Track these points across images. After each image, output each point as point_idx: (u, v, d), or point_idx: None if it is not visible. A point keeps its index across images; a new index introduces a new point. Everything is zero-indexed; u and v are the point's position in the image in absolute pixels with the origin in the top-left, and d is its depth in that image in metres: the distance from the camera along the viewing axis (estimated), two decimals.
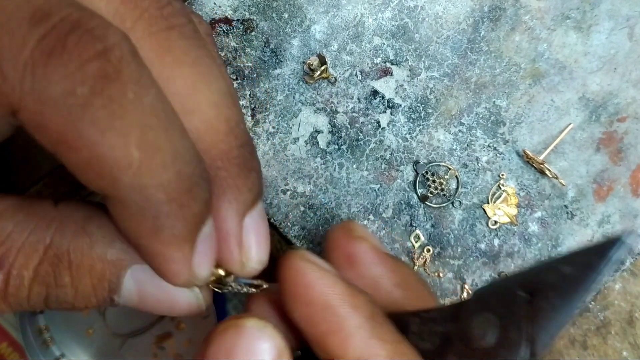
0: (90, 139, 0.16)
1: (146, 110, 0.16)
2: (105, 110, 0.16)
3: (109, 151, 0.16)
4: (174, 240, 0.18)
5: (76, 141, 0.16)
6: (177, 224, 0.18)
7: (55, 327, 0.52)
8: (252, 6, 0.37)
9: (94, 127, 0.16)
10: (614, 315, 0.37)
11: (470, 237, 0.37)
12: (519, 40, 0.35)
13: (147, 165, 0.17)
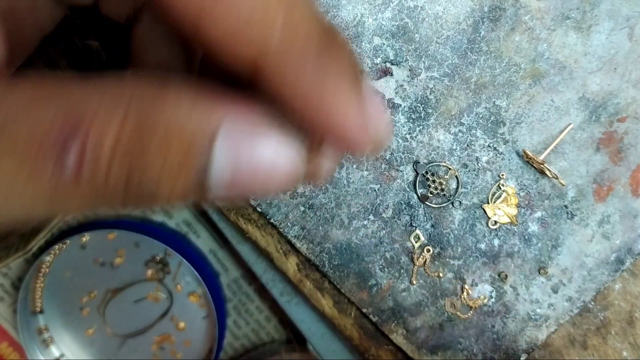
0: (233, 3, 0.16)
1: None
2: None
3: (255, 13, 0.16)
4: (341, 88, 0.18)
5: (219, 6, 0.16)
6: (338, 70, 0.17)
7: (55, 327, 0.52)
8: None
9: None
10: (614, 315, 0.37)
11: (470, 237, 0.37)
12: (519, 41, 0.35)
13: (291, 19, 0.16)
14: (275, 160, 0.18)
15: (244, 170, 0.18)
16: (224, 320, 0.51)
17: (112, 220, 0.49)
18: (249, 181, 0.18)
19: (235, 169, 0.18)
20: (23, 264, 0.51)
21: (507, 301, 0.37)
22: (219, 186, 0.18)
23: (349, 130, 0.19)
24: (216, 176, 0.18)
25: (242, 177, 0.18)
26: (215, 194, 0.18)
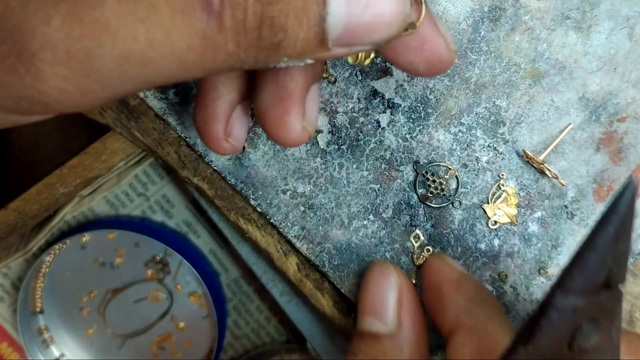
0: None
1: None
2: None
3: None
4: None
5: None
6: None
7: (55, 327, 0.52)
8: None
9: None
10: None
11: (470, 237, 0.37)
12: (519, 41, 0.35)
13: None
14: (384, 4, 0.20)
15: (357, 12, 0.20)
16: (224, 321, 0.51)
17: (112, 220, 0.49)
18: (363, 22, 0.20)
19: (349, 12, 0.20)
20: (23, 264, 0.51)
21: (507, 301, 0.37)
22: (337, 31, 0.20)
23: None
24: (334, 21, 0.20)
25: (356, 19, 0.20)
26: (333, 41, 0.20)
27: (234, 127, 0.29)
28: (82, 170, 0.42)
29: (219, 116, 0.28)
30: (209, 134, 0.29)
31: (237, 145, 0.30)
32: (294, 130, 0.26)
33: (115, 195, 0.49)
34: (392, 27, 0.21)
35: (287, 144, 0.27)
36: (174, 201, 0.49)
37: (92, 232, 0.49)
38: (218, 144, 0.29)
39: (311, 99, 0.27)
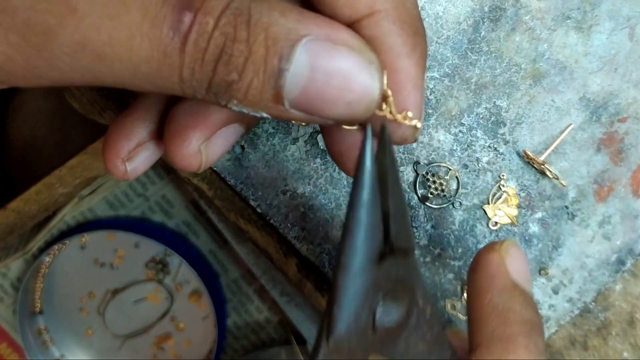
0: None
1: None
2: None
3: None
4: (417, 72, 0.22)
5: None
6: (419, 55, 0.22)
7: (54, 327, 0.52)
8: None
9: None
10: (614, 316, 0.37)
11: (471, 238, 0.37)
12: (520, 41, 0.35)
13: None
14: (351, 72, 0.20)
15: (319, 78, 0.19)
16: (224, 321, 0.51)
17: (111, 221, 0.49)
18: (324, 91, 0.20)
19: (311, 77, 0.19)
20: (22, 265, 0.51)
21: None
22: (294, 92, 0.19)
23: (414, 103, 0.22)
24: (292, 80, 0.19)
25: (318, 85, 0.19)
26: (290, 102, 0.20)
27: (138, 156, 0.27)
28: (82, 170, 0.42)
29: (131, 136, 0.27)
30: (111, 146, 0.27)
31: (130, 174, 0.27)
32: (190, 146, 0.25)
33: (115, 196, 0.49)
34: (352, 108, 0.20)
35: (176, 158, 0.25)
36: (173, 202, 0.49)
37: (91, 232, 0.49)
38: (113, 161, 0.27)
39: (225, 134, 0.26)
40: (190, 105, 0.26)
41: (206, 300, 0.49)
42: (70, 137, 0.52)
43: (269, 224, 0.38)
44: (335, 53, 0.19)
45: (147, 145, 0.27)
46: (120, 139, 0.27)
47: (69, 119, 0.50)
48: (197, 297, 0.50)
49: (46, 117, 0.52)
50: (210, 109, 0.25)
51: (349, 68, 0.20)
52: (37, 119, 0.53)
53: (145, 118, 0.27)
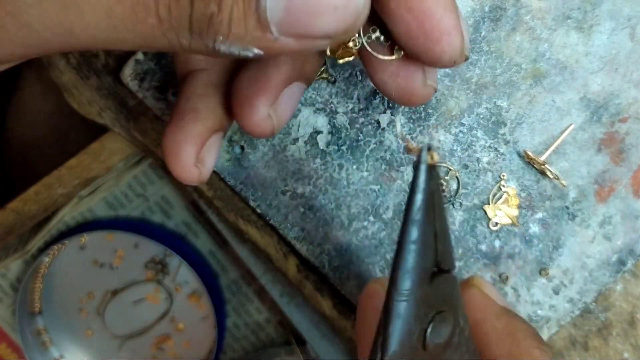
0: None
1: None
2: None
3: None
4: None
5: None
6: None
7: (54, 328, 0.52)
8: None
9: None
10: (615, 316, 0.37)
11: (471, 239, 0.37)
12: (520, 41, 0.35)
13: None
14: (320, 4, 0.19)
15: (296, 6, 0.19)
16: (224, 322, 0.51)
17: (111, 221, 0.49)
18: (307, 2, 0.19)
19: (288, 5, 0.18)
20: (21, 265, 0.51)
21: (508, 302, 0.37)
22: (278, 12, 0.19)
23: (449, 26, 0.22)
24: (271, 1, 0.18)
25: (294, 12, 0.19)
26: (276, 26, 0.19)
27: (207, 155, 0.27)
28: (81, 170, 0.42)
29: (195, 139, 0.27)
30: (179, 156, 0.27)
31: (205, 174, 0.28)
32: (259, 113, 0.25)
33: (114, 196, 0.49)
34: (339, 14, 0.19)
35: (249, 128, 0.26)
36: (173, 202, 0.49)
37: (91, 232, 0.49)
38: (186, 169, 0.27)
39: (289, 94, 0.26)
40: (247, 75, 0.26)
41: (206, 300, 0.49)
42: (69, 138, 0.52)
43: (269, 225, 0.38)
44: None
45: (208, 143, 0.27)
46: (184, 146, 0.27)
47: (68, 119, 0.50)
48: (197, 297, 0.50)
49: (45, 117, 0.52)
50: (268, 73, 0.25)
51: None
52: (36, 119, 0.52)
53: (197, 119, 0.27)
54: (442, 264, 0.21)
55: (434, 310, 0.21)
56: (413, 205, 0.19)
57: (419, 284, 0.20)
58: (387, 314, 0.20)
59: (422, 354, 0.21)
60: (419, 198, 0.19)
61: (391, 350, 0.20)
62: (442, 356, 0.22)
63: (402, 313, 0.20)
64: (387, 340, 0.20)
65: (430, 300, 0.21)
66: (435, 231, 0.21)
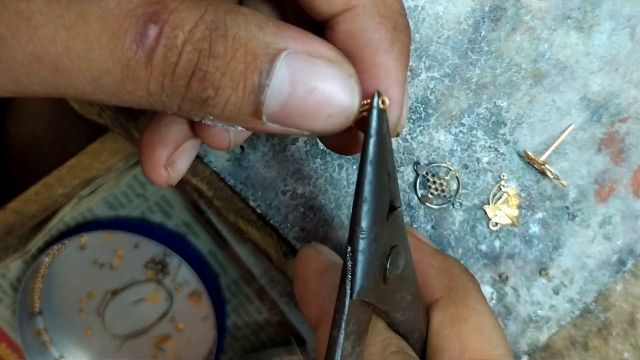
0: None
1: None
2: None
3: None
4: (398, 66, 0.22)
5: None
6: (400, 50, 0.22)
7: (54, 328, 0.52)
8: None
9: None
10: (615, 316, 0.37)
11: (471, 239, 0.37)
12: (520, 41, 0.35)
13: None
14: (332, 87, 0.20)
15: (300, 94, 0.19)
16: (224, 322, 0.51)
17: (111, 221, 0.49)
18: (304, 106, 0.19)
19: (292, 92, 0.19)
20: (22, 265, 0.51)
21: (508, 302, 0.37)
22: (273, 107, 0.19)
23: (393, 98, 0.22)
24: (273, 96, 0.19)
25: (298, 101, 0.19)
26: (268, 116, 0.19)
27: (178, 159, 0.27)
28: (81, 170, 0.42)
29: (168, 142, 0.27)
30: (151, 156, 0.27)
31: (174, 178, 0.28)
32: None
33: (114, 196, 0.48)
34: (332, 121, 0.20)
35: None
36: (173, 202, 0.49)
37: (91, 233, 0.49)
38: (155, 170, 0.27)
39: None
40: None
41: (206, 300, 0.49)
42: (69, 138, 0.52)
43: (269, 225, 0.38)
44: (314, 67, 0.19)
45: (184, 146, 0.27)
46: (156, 147, 0.27)
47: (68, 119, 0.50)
48: (197, 297, 0.50)
49: (45, 117, 0.52)
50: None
51: (329, 83, 0.19)
52: (36, 119, 0.52)
53: (174, 122, 0.27)
54: (393, 201, 0.22)
55: (389, 245, 0.23)
56: (368, 148, 0.20)
57: (378, 221, 0.21)
58: (353, 254, 0.21)
59: (383, 287, 0.23)
60: (373, 141, 0.20)
61: (358, 286, 0.21)
62: (397, 288, 0.24)
63: (365, 249, 0.21)
64: (355, 278, 0.21)
65: (386, 236, 0.22)
66: (388, 171, 0.22)
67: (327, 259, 0.31)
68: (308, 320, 0.30)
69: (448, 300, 0.27)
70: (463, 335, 0.26)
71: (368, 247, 0.21)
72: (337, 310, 0.22)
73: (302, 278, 0.30)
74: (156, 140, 0.27)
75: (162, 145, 0.27)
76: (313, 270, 0.30)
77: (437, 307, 0.27)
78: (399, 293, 0.24)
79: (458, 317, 0.27)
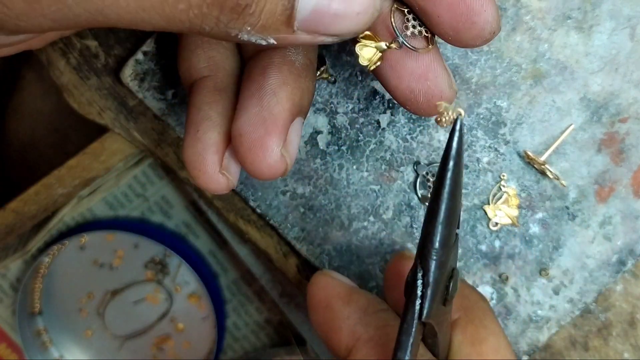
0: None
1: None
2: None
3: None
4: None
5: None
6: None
7: (54, 328, 0.52)
8: None
9: None
10: (615, 316, 0.37)
11: (471, 239, 0.37)
12: (520, 41, 0.35)
13: None
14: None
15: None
16: (224, 322, 0.51)
17: (110, 221, 0.49)
18: (334, 6, 0.20)
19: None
20: (21, 265, 0.51)
21: (508, 303, 0.37)
22: (305, 11, 0.20)
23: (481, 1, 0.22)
24: (301, 5, 0.20)
25: (327, 1, 0.20)
26: (299, 23, 0.20)
27: (231, 161, 0.27)
28: (81, 170, 0.42)
29: (214, 147, 0.26)
30: (203, 167, 0.26)
31: (233, 180, 0.27)
32: (273, 154, 0.25)
33: (114, 196, 0.48)
34: (360, 19, 0.21)
35: (262, 171, 0.25)
36: (173, 202, 0.49)
37: (90, 233, 0.49)
38: (213, 178, 0.26)
39: (294, 130, 0.26)
40: (250, 116, 0.25)
41: (206, 301, 0.49)
42: (69, 138, 0.52)
43: (269, 225, 0.38)
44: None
45: (230, 149, 0.27)
46: (206, 156, 0.26)
47: (68, 119, 0.50)
48: (197, 298, 0.50)
49: (45, 117, 0.52)
50: (274, 112, 0.25)
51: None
52: (36, 119, 0.52)
53: (212, 126, 0.26)
54: (458, 225, 0.23)
55: (451, 268, 0.23)
56: (449, 169, 0.20)
57: (448, 244, 0.21)
58: (425, 273, 0.21)
59: (442, 309, 0.23)
60: (454, 162, 0.20)
61: (428, 307, 0.21)
62: (449, 307, 0.24)
63: (436, 271, 0.21)
64: (424, 299, 0.21)
65: (451, 259, 0.23)
66: (461, 194, 0.22)
67: (347, 284, 0.31)
68: (335, 348, 0.29)
69: (466, 319, 0.28)
70: (483, 354, 0.27)
71: (439, 269, 0.21)
72: (404, 331, 0.21)
73: (325, 305, 0.30)
74: (201, 150, 0.26)
75: (210, 153, 0.26)
76: (337, 296, 0.30)
77: (456, 326, 0.28)
78: (448, 314, 0.25)
79: (478, 337, 0.28)
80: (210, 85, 0.28)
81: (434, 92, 0.26)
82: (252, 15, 0.19)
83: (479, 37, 0.24)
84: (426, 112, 0.27)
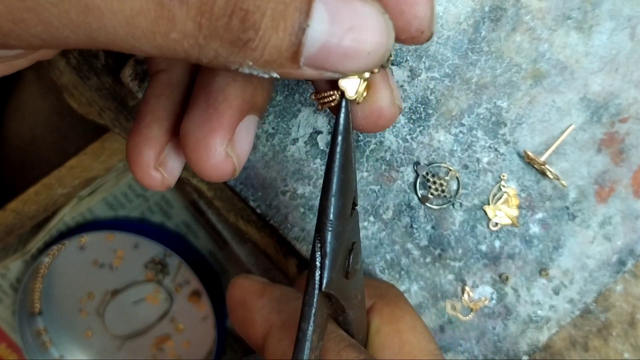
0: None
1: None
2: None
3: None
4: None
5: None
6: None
7: (54, 328, 0.52)
8: None
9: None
10: (615, 316, 0.37)
11: (471, 239, 0.37)
12: (520, 41, 0.35)
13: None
14: (368, 24, 0.19)
15: (338, 33, 0.19)
16: (224, 322, 0.51)
17: (110, 222, 0.49)
18: (344, 45, 0.19)
19: (331, 32, 0.19)
20: (22, 265, 0.51)
21: (508, 303, 0.37)
22: (312, 48, 0.19)
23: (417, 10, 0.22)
24: (313, 37, 0.19)
25: (335, 40, 0.19)
26: (305, 59, 0.19)
27: (169, 158, 0.26)
28: (81, 171, 0.42)
29: (152, 141, 0.25)
30: (137, 159, 0.25)
31: (169, 178, 0.26)
32: (217, 155, 0.23)
33: (114, 197, 0.48)
34: (370, 59, 0.20)
35: (207, 172, 0.24)
36: (172, 202, 0.49)
37: (90, 233, 0.49)
38: (146, 172, 0.25)
39: (245, 128, 0.25)
40: (196, 115, 0.24)
41: (206, 301, 0.49)
42: (69, 138, 0.52)
43: (269, 225, 0.38)
44: (349, 5, 0.19)
45: (170, 145, 0.26)
46: (141, 149, 0.25)
47: (67, 119, 0.50)
48: (197, 297, 0.50)
49: (45, 117, 0.52)
50: (219, 109, 0.24)
51: (366, 20, 0.19)
52: (35, 119, 0.52)
53: (154, 120, 0.26)
54: (355, 199, 0.23)
55: (351, 241, 0.23)
56: (338, 142, 0.21)
57: (344, 216, 0.22)
58: (322, 244, 0.22)
59: (344, 282, 0.24)
60: (342, 135, 0.21)
61: (327, 277, 0.22)
62: (353, 285, 0.25)
63: (333, 242, 0.22)
64: (323, 269, 0.22)
65: (349, 232, 0.23)
66: (353, 167, 0.22)
67: (262, 280, 0.32)
68: (253, 340, 0.29)
69: (382, 303, 0.30)
70: (401, 331, 0.29)
71: (336, 240, 0.22)
72: (307, 302, 0.22)
73: (241, 301, 0.30)
74: (140, 143, 0.25)
75: (147, 146, 0.25)
76: (252, 292, 0.31)
77: (373, 310, 0.30)
78: (353, 290, 0.25)
79: (394, 316, 0.29)
80: (164, 79, 0.27)
81: (373, 111, 0.24)
82: (254, 50, 0.18)
83: (404, 31, 0.22)
84: (368, 129, 0.26)
